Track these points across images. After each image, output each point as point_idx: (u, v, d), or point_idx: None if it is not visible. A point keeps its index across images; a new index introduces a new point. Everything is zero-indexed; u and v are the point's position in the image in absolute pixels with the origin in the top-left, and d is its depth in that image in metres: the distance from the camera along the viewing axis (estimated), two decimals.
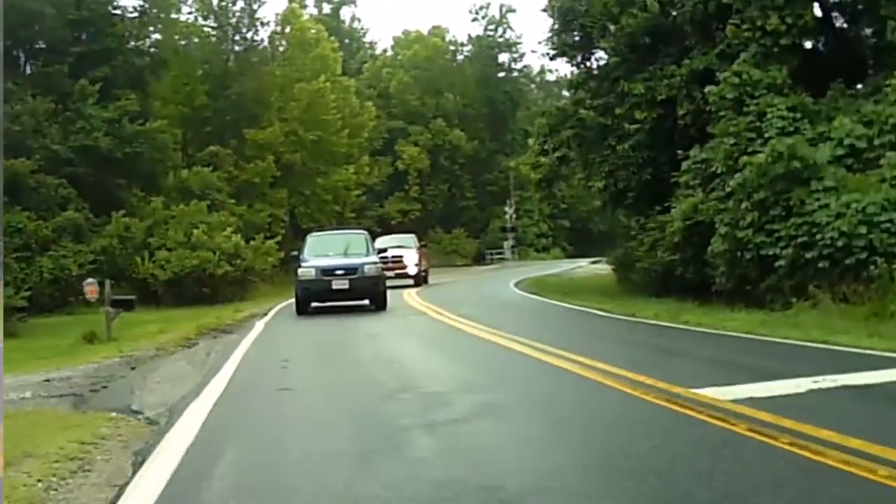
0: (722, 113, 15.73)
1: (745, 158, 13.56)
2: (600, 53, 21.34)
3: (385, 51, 71.21)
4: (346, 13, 76.15)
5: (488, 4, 71.25)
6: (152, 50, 35.58)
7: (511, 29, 72.45)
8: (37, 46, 31.69)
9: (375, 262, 18.31)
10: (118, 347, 12.07)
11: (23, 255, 22.67)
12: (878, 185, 12.75)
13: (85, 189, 27.97)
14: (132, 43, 34.01)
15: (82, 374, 9.42)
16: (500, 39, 71.39)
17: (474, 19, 79.15)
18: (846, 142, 14.00)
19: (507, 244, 60.20)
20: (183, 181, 29.75)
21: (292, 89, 38.63)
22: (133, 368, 9.98)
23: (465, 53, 71.69)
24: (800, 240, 12.36)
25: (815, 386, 6.58)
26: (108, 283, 14.47)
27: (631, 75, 19.08)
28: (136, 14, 34.59)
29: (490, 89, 67.68)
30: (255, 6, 40.22)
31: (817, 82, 16.49)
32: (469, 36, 72.49)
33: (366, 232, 22.44)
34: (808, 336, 9.93)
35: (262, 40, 41.15)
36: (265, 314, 18.64)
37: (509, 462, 4.87)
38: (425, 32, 69.49)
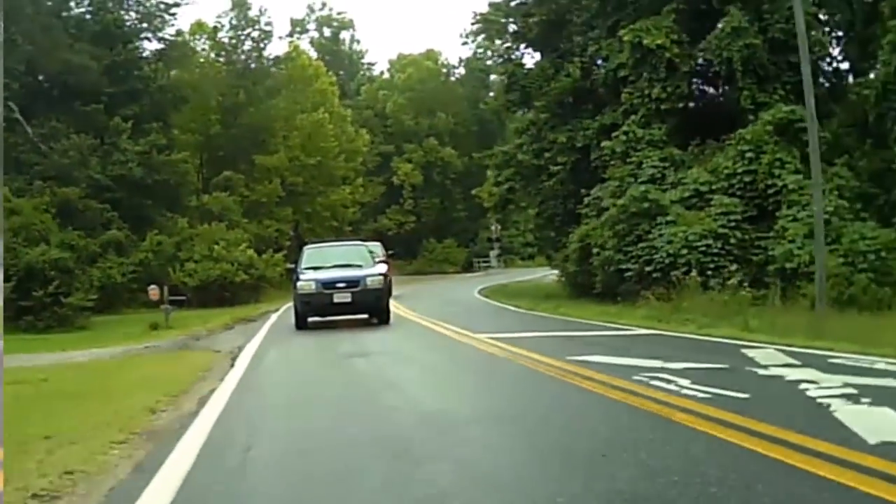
0: (613, 161, 21.76)
1: (610, 200, 19.66)
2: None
3: (382, 73, 77.59)
4: (345, 35, 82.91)
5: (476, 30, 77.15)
6: (173, 86, 41.73)
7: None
8: (80, 90, 37.74)
9: (378, 275, 17.92)
10: (180, 331, 18.08)
11: (80, 266, 28.63)
12: (704, 220, 18.73)
13: (123, 211, 34.04)
14: (155, 84, 40.10)
15: (169, 342, 15.44)
16: (490, 62, 77.62)
17: (464, 43, 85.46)
18: (692, 186, 20.00)
19: (492, 253, 66.27)
20: (204, 204, 35.90)
21: (295, 120, 44.82)
22: (198, 340, 16.00)
23: (457, 75, 77.88)
24: (643, 258, 18.41)
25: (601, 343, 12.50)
26: (165, 287, 20.55)
27: (558, 127, 25.17)
28: (157, 57, 40.78)
29: (479, 109, 73.64)
30: (262, 44, 46.51)
31: (687, 137, 22.49)
32: (460, 59, 78.87)
33: (364, 243, 22.89)
34: (633, 322, 15.84)
35: (269, 75, 47.37)
36: (277, 310, 24.51)
37: (398, 377, 10.74)
38: (420, 55, 75.68)
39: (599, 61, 25.09)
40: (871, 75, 22.51)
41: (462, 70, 77.53)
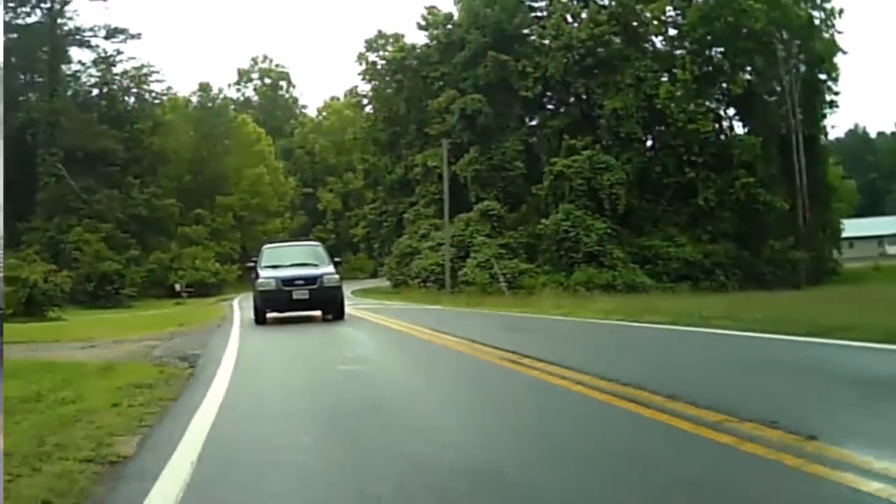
0: (412, 222, 46.07)
1: (406, 242, 44.02)
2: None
3: (312, 119, 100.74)
4: (283, 83, 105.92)
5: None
6: (160, 151, 64.75)
7: None
8: (102, 156, 60.36)
9: (334, 274, 18.68)
10: (194, 304, 41.49)
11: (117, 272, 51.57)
12: (434, 256, 43.02)
13: (135, 237, 57.11)
14: (150, 150, 62.96)
15: (194, 303, 38.86)
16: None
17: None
18: (440, 238, 44.33)
19: None
20: (186, 235, 59.19)
21: (243, 172, 68.24)
22: (213, 304, 39.49)
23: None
24: (414, 272, 42.70)
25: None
26: (183, 283, 43.96)
27: (391, 200, 49.41)
28: (151, 132, 63.67)
29: None
30: (229, 118, 69.77)
31: (442, 212, 46.75)
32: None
33: (320, 243, 24.71)
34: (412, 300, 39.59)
35: (226, 136, 70.68)
36: (235, 297, 47.26)
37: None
38: (342, 102, 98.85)
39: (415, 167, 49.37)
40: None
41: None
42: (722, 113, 52.49)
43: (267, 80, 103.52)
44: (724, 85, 50.41)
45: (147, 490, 4.27)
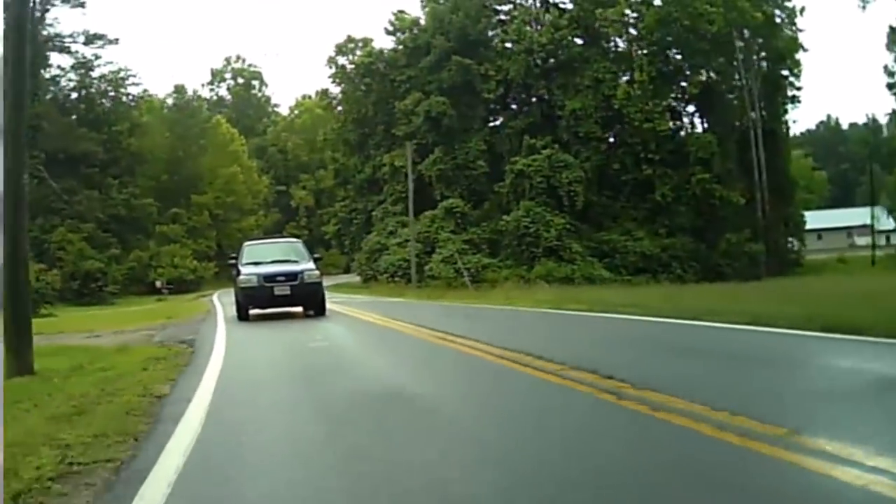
0: (380, 220, 48.92)
1: (375, 239, 46.89)
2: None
3: (284, 118, 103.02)
4: (255, 83, 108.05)
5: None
6: (138, 151, 67.02)
7: None
8: (82, 158, 62.52)
9: (315, 270, 19.17)
10: (176, 300, 43.99)
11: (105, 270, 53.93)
12: (401, 252, 45.88)
13: (116, 236, 59.42)
14: (128, 151, 65.24)
15: (175, 300, 41.42)
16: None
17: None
18: (407, 235, 47.20)
19: None
20: (164, 233, 61.59)
21: (217, 171, 70.62)
22: (193, 299, 42.01)
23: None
24: (384, 268, 45.53)
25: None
26: (164, 280, 46.45)
27: (359, 199, 52.20)
28: (129, 133, 65.94)
29: None
30: (203, 119, 72.06)
31: (407, 211, 49.62)
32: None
33: (299, 240, 24.95)
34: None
35: (201, 136, 73.00)
36: (215, 292, 49.89)
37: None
38: (314, 100, 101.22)
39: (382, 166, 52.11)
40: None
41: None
42: (682, 110, 55.64)
43: (240, 80, 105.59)
44: (683, 84, 53.48)
45: (185, 408, 7.01)
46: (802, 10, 55.67)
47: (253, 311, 19.18)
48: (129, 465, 5.08)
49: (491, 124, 54.07)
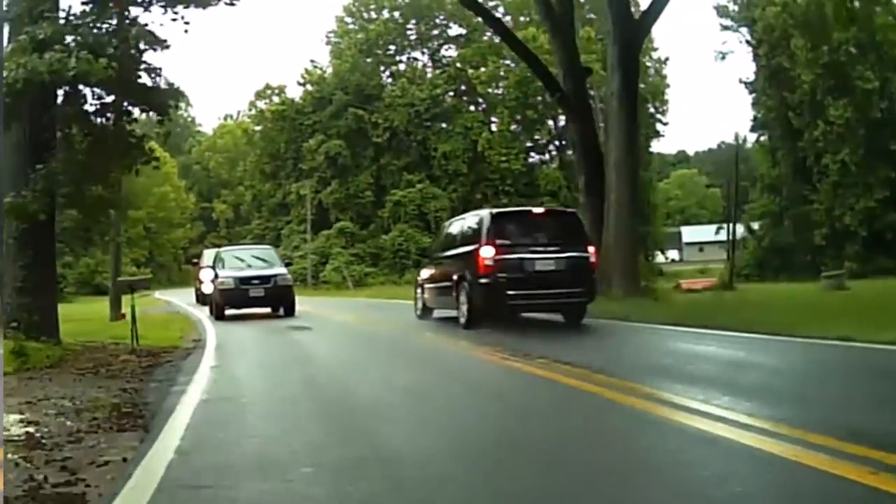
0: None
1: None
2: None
3: (208, 138, 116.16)
4: (183, 102, 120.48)
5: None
6: None
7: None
8: None
9: (286, 274, 21.56)
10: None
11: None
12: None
13: (68, 247, 72.40)
14: None
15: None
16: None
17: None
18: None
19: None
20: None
21: (150, 190, 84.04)
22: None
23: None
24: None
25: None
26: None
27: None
28: None
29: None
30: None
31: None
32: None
33: (272, 247, 28.47)
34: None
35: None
36: (156, 291, 63.32)
37: None
38: (235, 123, 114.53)
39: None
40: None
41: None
42: (543, 149, 70.84)
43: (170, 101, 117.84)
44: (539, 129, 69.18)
45: (206, 344, 21.34)
46: (667, 59, 72.01)
47: (229, 311, 21.83)
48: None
49: (378, 163, 69.26)
